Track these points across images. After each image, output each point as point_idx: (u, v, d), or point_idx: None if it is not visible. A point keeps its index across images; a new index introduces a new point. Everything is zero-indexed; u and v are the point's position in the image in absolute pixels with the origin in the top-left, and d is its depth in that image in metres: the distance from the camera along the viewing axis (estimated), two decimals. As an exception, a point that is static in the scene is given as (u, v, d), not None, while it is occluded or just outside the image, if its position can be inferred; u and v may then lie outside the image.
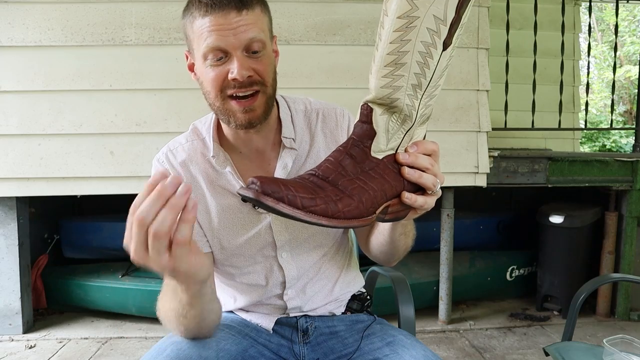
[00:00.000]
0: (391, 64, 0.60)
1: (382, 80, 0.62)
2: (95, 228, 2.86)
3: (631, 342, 1.29)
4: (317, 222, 0.59)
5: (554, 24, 3.11)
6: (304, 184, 0.61)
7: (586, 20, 5.82)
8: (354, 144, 0.66)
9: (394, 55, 0.60)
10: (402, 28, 0.58)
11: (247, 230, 0.95)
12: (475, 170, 2.43)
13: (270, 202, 0.57)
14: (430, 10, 0.57)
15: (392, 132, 0.66)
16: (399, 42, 0.59)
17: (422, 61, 0.60)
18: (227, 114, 0.87)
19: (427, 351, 0.87)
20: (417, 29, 0.58)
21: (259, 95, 0.85)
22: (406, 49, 0.59)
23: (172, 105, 2.29)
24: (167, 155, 0.97)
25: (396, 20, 0.58)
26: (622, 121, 7.94)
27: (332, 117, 1.02)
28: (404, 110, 0.65)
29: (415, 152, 0.68)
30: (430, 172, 0.68)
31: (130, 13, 2.26)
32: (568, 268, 2.73)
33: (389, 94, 0.63)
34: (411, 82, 0.62)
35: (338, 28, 2.35)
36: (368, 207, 0.63)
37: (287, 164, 0.95)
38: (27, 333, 2.49)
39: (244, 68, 0.82)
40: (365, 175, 0.65)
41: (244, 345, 0.94)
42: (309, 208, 0.58)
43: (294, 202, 0.58)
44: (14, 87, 2.23)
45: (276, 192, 0.57)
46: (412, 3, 0.56)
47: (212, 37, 0.80)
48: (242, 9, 0.81)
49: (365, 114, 0.66)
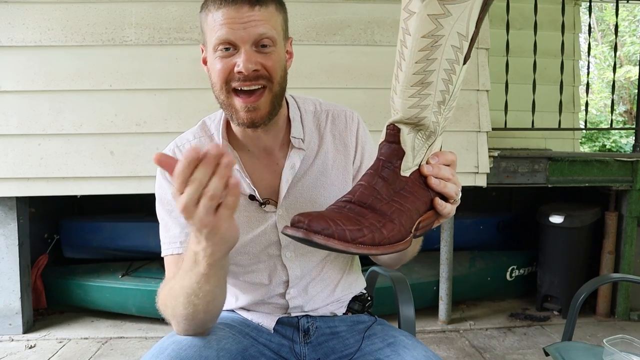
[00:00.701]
0: (417, 83, 0.60)
1: (409, 100, 0.62)
2: (95, 228, 2.86)
3: (631, 342, 1.29)
4: (367, 252, 0.59)
5: (554, 24, 3.11)
6: (347, 215, 0.61)
7: (586, 20, 5.82)
8: (384, 166, 0.67)
9: (420, 74, 0.59)
10: (427, 47, 0.57)
11: (253, 229, 0.95)
12: (475, 170, 2.43)
13: (322, 240, 0.57)
14: (455, 27, 0.56)
15: (417, 149, 0.67)
16: (425, 61, 0.58)
17: (446, 78, 0.60)
18: (230, 110, 0.87)
19: (428, 352, 0.87)
20: (442, 47, 0.57)
21: (265, 92, 0.85)
22: (432, 68, 0.58)
23: (172, 105, 2.28)
24: (174, 151, 0.97)
25: (420, 39, 0.57)
26: (622, 121, 7.93)
27: (342, 119, 1.02)
28: (429, 127, 0.65)
29: (437, 163, 0.69)
30: (451, 182, 0.70)
31: (130, 13, 2.26)
32: (568, 268, 2.73)
33: (417, 114, 0.63)
34: (437, 100, 0.62)
35: (338, 28, 2.35)
36: (408, 228, 0.64)
37: (295, 164, 0.96)
38: (27, 333, 2.49)
39: (250, 62, 0.82)
40: (399, 195, 0.66)
41: (245, 344, 0.94)
42: (358, 240, 0.59)
43: (344, 236, 0.58)
44: (14, 87, 2.23)
45: (325, 229, 0.57)
46: (436, 22, 0.55)
47: (223, 30, 0.81)
48: (255, 4, 0.82)
49: (392, 134, 0.66)
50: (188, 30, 2.26)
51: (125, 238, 2.85)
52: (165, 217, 0.94)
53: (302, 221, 0.57)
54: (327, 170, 0.98)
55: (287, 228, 0.59)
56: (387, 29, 2.38)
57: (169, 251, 0.92)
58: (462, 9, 0.55)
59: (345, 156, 1.00)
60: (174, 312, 0.81)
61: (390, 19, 2.38)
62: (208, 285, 0.74)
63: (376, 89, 2.34)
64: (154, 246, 0.95)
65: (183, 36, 2.26)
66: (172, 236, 0.92)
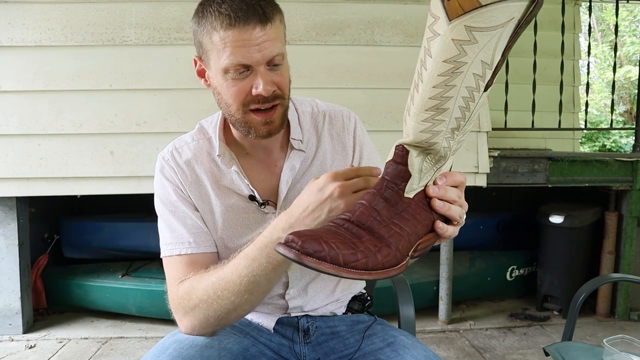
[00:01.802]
0: (432, 108, 0.58)
1: (421, 124, 0.60)
2: (95, 228, 2.86)
3: (631, 342, 1.29)
4: (358, 277, 0.58)
5: (554, 24, 3.11)
6: (343, 236, 0.60)
7: (586, 20, 5.82)
8: (387, 186, 0.65)
9: (436, 100, 0.57)
10: (447, 73, 0.54)
11: (252, 230, 0.95)
12: (475, 170, 2.43)
13: (313, 263, 0.56)
14: (479, 56, 0.53)
15: (424, 172, 0.66)
16: (443, 87, 0.56)
17: (464, 106, 0.58)
18: (247, 126, 0.88)
19: (428, 352, 0.87)
20: (463, 75, 0.54)
21: (277, 107, 0.87)
22: (450, 95, 0.56)
23: (172, 105, 2.29)
24: (172, 153, 0.97)
25: (441, 64, 0.54)
26: (622, 121, 7.93)
27: (339, 119, 1.02)
28: (439, 152, 0.64)
29: (444, 184, 0.68)
30: (457, 204, 0.69)
31: (130, 13, 2.26)
32: (568, 268, 2.73)
33: (428, 139, 0.61)
34: (451, 127, 0.60)
35: (338, 28, 2.35)
36: (404, 254, 0.63)
37: (295, 165, 0.96)
38: (27, 333, 2.49)
39: (269, 84, 0.83)
40: (399, 218, 0.64)
41: (246, 344, 0.94)
42: (351, 264, 0.57)
43: (336, 259, 0.57)
44: (14, 87, 2.23)
45: (318, 251, 0.56)
46: (460, 48, 0.52)
47: (236, 53, 0.80)
48: (267, 23, 0.80)
49: (400, 155, 0.65)
50: (188, 31, 2.25)
51: (125, 238, 2.85)
52: (169, 217, 0.93)
53: (296, 241, 0.56)
54: (325, 170, 0.98)
55: (280, 246, 0.58)
56: (387, 29, 2.38)
57: (175, 251, 0.91)
58: (490, 37, 0.52)
59: (344, 156, 1.01)
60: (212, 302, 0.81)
61: (390, 19, 2.38)
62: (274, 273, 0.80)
63: (376, 89, 2.34)
64: (154, 246, 0.95)
65: (183, 36, 2.26)
66: (179, 236, 0.91)
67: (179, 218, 0.93)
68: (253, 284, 0.79)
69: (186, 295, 0.84)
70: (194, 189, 0.95)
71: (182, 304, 0.84)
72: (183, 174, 0.95)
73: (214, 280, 0.81)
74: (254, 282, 0.79)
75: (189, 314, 0.84)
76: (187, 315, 0.84)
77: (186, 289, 0.84)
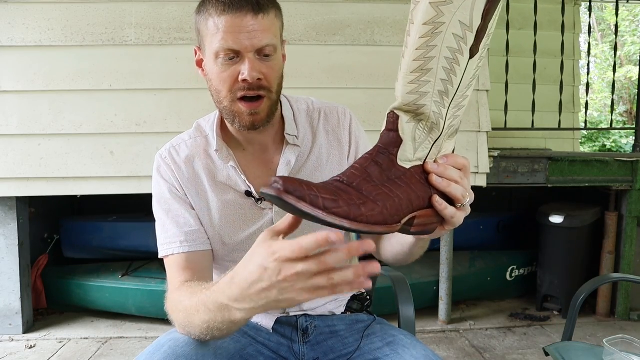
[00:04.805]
0: (417, 69, 0.60)
1: (408, 86, 0.61)
2: (95, 228, 2.86)
3: (631, 342, 1.29)
4: (338, 224, 0.57)
5: (554, 24, 3.11)
6: (327, 187, 0.60)
7: (586, 20, 5.82)
8: (380, 152, 0.65)
9: (420, 61, 0.59)
10: (428, 34, 0.58)
11: (249, 226, 0.95)
12: (475, 170, 2.43)
13: (292, 200, 0.55)
14: (456, 16, 0.57)
15: (419, 142, 0.65)
16: (425, 47, 0.58)
17: (448, 67, 0.60)
18: (233, 115, 0.88)
19: (427, 351, 0.87)
20: (442, 35, 0.58)
21: (263, 101, 0.87)
22: (432, 55, 0.59)
23: (172, 105, 2.29)
24: (170, 152, 0.98)
25: (422, 26, 0.58)
26: (622, 121, 7.93)
27: (334, 115, 1.03)
28: (431, 118, 0.64)
29: (445, 163, 0.66)
30: (459, 185, 0.66)
31: (130, 13, 2.26)
32: (568, 268, 2.73)
33: (415, 100, 0.62)
34: (438, 89, 0.61)
35: (338, 28, 2.35)
36: (393, 214, 0.61)
37: (291, 160, 0.97)
38: (27, 333, 2.49)
39: (255, 70, 0.83)
40: (391, 183, 0.63)
41: (243, 343, 0.94)
42: (331, 209, 0.56)
43: (316, 202, 0.56)
44: (14, 87, 2.23)
45: (298, 190, 0.56)
46: (437, 9, 0.56)
47: (227, 38, 0.82)
48: (259, 12, 0.82)
49: (391, 122, 0.65)
50: (188, 30, 2.26)
51: (125, 238, 2.85)
52: (162, 217, 0.94)
53: (277, 181, 0.56)
54: (321, 165, 0.99)
55: (263, 187, 0.57)
56: (387, 29, 2.38)
57: (168, 251, 0.92)
58: None
59: (340, 152, 1.01)
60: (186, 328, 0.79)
61: (390, 19, 2.38)
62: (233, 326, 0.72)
63: (376, 89, 2.34)
64: (154, 246, 0.95)
65: (183, 36, 2.26)
66: (170, 236, 0.92)
67: (172, 217, 0.93)
68: (213, 329, 0.74)
69: (173, 308, 0.83)
70: (191, 186, 0.96)
71: (170, 313, 0.84)
72: (180, 171, 0.96)
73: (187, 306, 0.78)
74: (214, 327, 0.73)
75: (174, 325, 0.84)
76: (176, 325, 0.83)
77: (174, 301, 0.83)
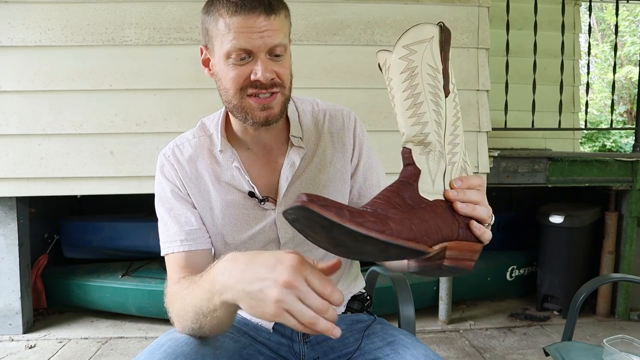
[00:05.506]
0: (411, 105, 0.67)
1: (409, 120, 0.67)
2: (95, 228, 2.86)
3: (631, 342, 1.29)
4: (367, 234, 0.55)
5: (554, 24, 3.11)
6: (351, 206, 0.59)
7: (586, 20, 5.82)
8: (402, 184, 0.66)
9: (410, 98, 0.67)
10: (407, 77, 0.66)
11: (252, 226, 0.96)
12: (475, 170, 2.42)
13: (317, 208, 0.54)
14: (424, 59, 0.66)
15: (433, 172, 0.67)
16: (410, 87, 0.67)
17: (433, 99, 0.67)
18: (244, 111, 0.88)
19: (427, 351, 0.87)
20: (419, 75, 0.66)
21: (277, 95, 0.87)
22: (418, 91, 0.67)
23: (172, 105, 2.28)
24: (173, 150, 0.98)
25: (400, 75, 0.67)
26: (622, 121, 7.93)
27: (339, 117, 1.03)
28: (436, 147, 0.67)
29: (460, 187, 0.68)
30: (481, 205, 0.68)
31: (130, 13, 2.26)
32: (568, 268, 2.73)
33: (420, 130, 0.67)
34: (433, 118, 0.67)
35: (338, 28, 2.35)
36: (422, 235, 0.60)
37: (295, 161, 0.97)
38: (27, 333, 2.49)
39: (268, 71, 0.83)
40: (416, 210, 0.63)
41: (243, 343, 0.94)
42: (358, 220, 0.55)
43: (342, 213, 0.55)
44: (14, 87, 2.23)
45: (322, 200, 0.55)
46: (406, 59, 0.66)
47: (239, 38, 0.81)
48: (271, 13, 0.82)
49: (406, 157, 0.68)
50: (188, 30, 2.26)
51: (125, 238, 2.85)
52: (164, 216, 0.95)
53: (301, 195, 0.56)
54: (325, 167, 0.99)
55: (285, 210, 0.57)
56: (387, 29, 2.38)
57: (169, 250, 0.93)
58: (424, 47, 0.66)
59: (343, 154, 1.01)
60: (180, 318, 0.81)
61: (390, 19, 2.38)
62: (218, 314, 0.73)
63: (376, 89, 2.34)
64: (154, 246, 0.96)
65: (183, 36, 2.26)
66: (172, 234, 0.93)
67: (173, 216, 0.94)
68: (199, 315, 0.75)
69: (171, 299, 0.85)
70: (194, 185, 0.96)
71: (169, 306, 0.85)
72: (183, 170, 0.96)
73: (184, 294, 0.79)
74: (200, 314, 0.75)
75: (174, 318, 0.84)
76: (174, 319, 0.84)
77: (173, 292, 0.85)
